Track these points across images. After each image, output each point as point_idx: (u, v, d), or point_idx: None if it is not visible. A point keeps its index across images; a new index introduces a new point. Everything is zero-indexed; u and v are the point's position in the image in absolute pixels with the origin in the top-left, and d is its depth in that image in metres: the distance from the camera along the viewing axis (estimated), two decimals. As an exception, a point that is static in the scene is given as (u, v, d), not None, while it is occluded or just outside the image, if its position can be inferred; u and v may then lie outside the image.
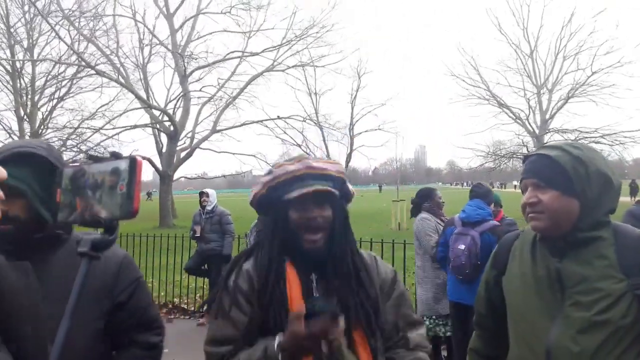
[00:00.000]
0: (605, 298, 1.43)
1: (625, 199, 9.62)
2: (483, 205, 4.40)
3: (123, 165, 0.84)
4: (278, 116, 26.68)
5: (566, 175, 1.49)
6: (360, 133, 32.27)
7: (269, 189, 1.57)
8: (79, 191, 0.88)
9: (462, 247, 4.12)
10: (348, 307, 1.46)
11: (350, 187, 1.63)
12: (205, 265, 7.19)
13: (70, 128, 24.63)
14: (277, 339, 1.33)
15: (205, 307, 6.83)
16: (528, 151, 26.16)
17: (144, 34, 25.43)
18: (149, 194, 63.06)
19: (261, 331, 1.42)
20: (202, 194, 7.35)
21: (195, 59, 25.42)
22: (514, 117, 26.47)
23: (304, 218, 1.51)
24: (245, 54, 26.18)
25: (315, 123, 29.04)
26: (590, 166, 1.49)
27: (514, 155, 28.06)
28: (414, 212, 5.21)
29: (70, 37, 23.27)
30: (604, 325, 1.42)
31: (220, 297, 1.54)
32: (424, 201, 5.11)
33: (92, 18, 22.76)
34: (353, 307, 1.48)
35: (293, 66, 27.58)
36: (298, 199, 1.49)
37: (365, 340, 1.45)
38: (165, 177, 24.16)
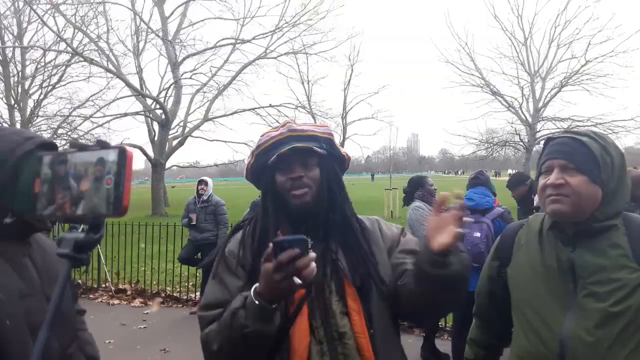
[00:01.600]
0: (621, 288, 1.39)
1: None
2: (488, 192, 4.38)
3: (111, 156, 0.76)
4: (270, 104, 26.55)
5: (596, 162, 1.45)
6: (354, 121, 32.30)
7: (256, 156, 1.56)
8: (58, 181, 0.79)
9: (479, 234, 4.09)
10: (342, 268, 1.44)
11: (340, 148, 1.60)
12: (199, 255, 7.16)
13: (61, 116, 24.38)
14: (254, 286, 1.28)
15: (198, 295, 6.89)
16: (521, 139, 26.25)
17: (139, 23, 25.14)
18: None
19: None
20: (201, 182, 7.29)
21: (185, 47, 25.17)
22: (507, 105, 26.45)
23: (289, 179, 1.49)
24: (237, 41, 25.96)
25: (307, 111, 28.96)
26: (615, 156, 1.46)
27: (507, 144, 28.13)
28: (407, 200, 5.18)
29: (57, 26, 22.92)
30: (620, 316, 1.38)
31: (217, 263, 1.54)
32: (416, 189, 5.07)
33: (82, 4, 22.38)
34: (351, 268, 1.45)
35: (285, 53, 27.40)
36: (280, 160, 1.48)
37: (359, 306, 1.42)
38: (157, 165, 24.03)
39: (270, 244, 1.21)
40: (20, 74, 25.04)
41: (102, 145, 0.79)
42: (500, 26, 26.72)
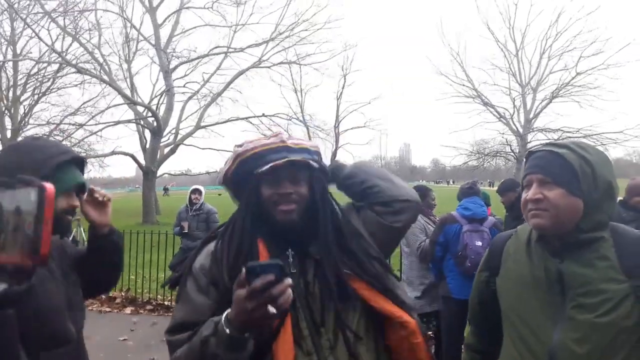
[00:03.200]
0: (609, 300, 1.41)
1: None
2: (481, 202, 4.43)
3: (32, 195, 0.71)
4: (263, 114, 26.54)
5: (574, 174, 1.46)
6: (346, 130, 32.35)
7: (240, 162, 1.49)
8: None
9: (480, 243, 4.12)
10: (330, 285, 1.40)
11: (325, 163, 1.59)
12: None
13: (53, 124, 24.25)
14: (226, 311, 1.19)
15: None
16: (512, 150, 26.40)
17: (130, 30, 25.09)
18: (165, 189, 61.16)
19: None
20: (195, 190, 7.27)
21: (178, 57, 25.15)
22: (499, 116, 26.61)
23: (276, 194, 1.43)
24: (229, 49, 25.99)
25: (301, 121, 28.98)
26: (597, 168, 1.46)
27: (498, 154, 28.26)
28: None
29: (51, 36, 22.82)
30: (608, 327, 1.40)
31: (185, 280, 1.45)
32: None
33: (77, 14, 22.31)
34: (336, 285, 1.40)
35: (278, 63, 27.44)
36: (271, 172, 1.41)
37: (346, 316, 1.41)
38: (148, 173, 23.92)
39: (243, 269, 1.12)
40: (11, 80, 24.90)
41: (26, 182, 0.74)
42: (492, 37, 26.96)
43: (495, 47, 28.69)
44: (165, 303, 7.36)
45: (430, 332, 4.98)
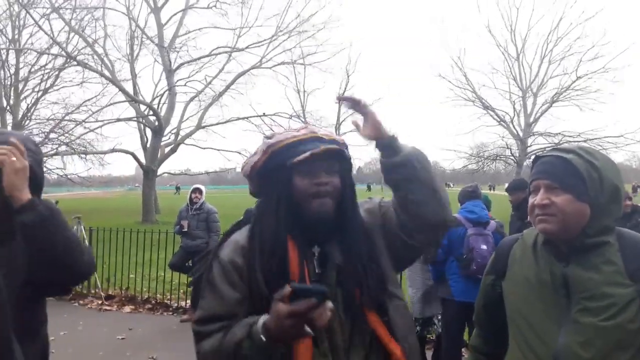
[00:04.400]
0: (614, 304, 1.41)
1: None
2: (483, 205, 4.43)
3: None
4: (264, 113, 26.54)
5: (581, 179, 1.46)
6: (346, 132, 32.32)
7: (272, 154, 1.46)
8: None
9: (485, 247, 4.12)
10: (350, 287, 1.42)
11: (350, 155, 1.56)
12: (190, 262, 7.13)
13: (54, 120, 24.25)
14: (263, 318, 1.24)
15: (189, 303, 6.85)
16: (512, 154, 26.41)
17: (135, 29, 25.09)
18: (177, 188, 60.63)
19: (258, 309, 1.33)
20: (195, 189, 7.27)
21: (178, 52, 25.15)
22: (499, 120, 26.64)
23: (313, 184, 1.41)
24: (232, 49, 25.99)
25: (302, 121, 28.98)
26: (603, 173, 1.47)
27: (498, 158, 28.28)
28: None
29: (52, 31, 22.79)
30: (613, 331, 1.40)
31: (212, 272, 1.45)
32: None
33: (82, 10, 22.32)
34: (359, 287, 1.42)
35: (280, 63, 27.46)
36: (306, 162, 1.39)
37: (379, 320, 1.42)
38: (149, 172, 23.92)
39: (288, 287, 1.18)
40: (13, 77, 24.90)
41: None
42: (493, 41, 27.00)
43: (496, 51, 28.65)
44: (165, 302, 7.37)
45: (429, 335, 5.00)
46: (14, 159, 1.40)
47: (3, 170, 1.39)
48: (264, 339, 1.22)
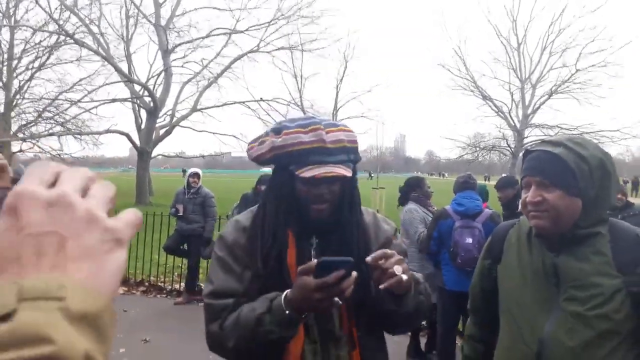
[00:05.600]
0: (600, 294, 1.45)
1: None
2: (476, 196, 4.40)
3: None
4: (261, 98, 26.38)
5: (572, 174, 1.47)
6: (344, 119, 32.22)
7: (275, 155, 1.49)
8: None
9: (471, 240, 4.13)
10: None
11: (359, 156, 1.58)
12: (185, 245, 7.08)
13: (48, 99, 24.00)
14: (284, 293, 1.30)
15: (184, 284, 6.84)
16: (508, 145, 26.48)
17: (130, 7, 24.76)
18: (184, 171, 59.88)
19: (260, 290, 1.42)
20: (194, 174, 7.19)
21: (178, 34, 24.88)
22: (497, 110, 26.65)
23: (312, 194, 1.46)
24: (231, 31, 25.73)
25: (299, 107, 28.85)
26: (592, 163, 1.48)
27: (494, 148, 28.34)
28: (401, 200, 5.16)
29: (50, 7, 22.46)
30: (598, 320, 1.44)
31: (220, 249, 1.53)
32: (412, 190, 5.05)
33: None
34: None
35: (279, 48, 27.23)
36: (311, 178, 1.43)
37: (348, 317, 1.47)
38: (143, 153, 23.78)
39: (315, 261, 1.23)
40: (6, 54, 24.56)
41: None
42: (494, 31, 26.90)
43: (497, 41, 28.53)
44: (159, 284, 7.33)
45: (423, 322, 5.00)
46: None
47: None
48: (287, 312, 1.27)
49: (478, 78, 26.34)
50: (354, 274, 1.22)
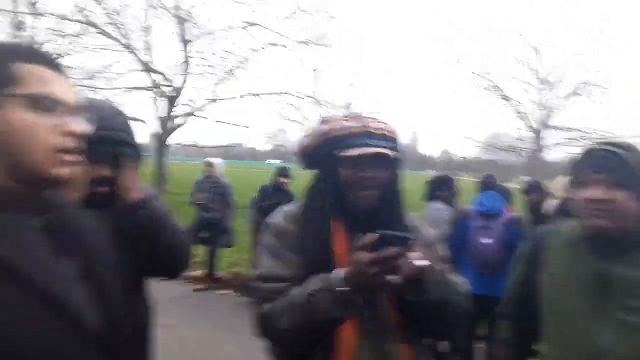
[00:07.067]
0: None
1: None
2: (498, 196, 4.31)
3: None
4: (277, 91, 26.31)
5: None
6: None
7: (321, 142, 1.50)
8: None
9: (488, 241, 4.05)
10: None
11: (401, 146, 1.58)
12: (204, 233, 7.16)
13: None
14: (343, 271, 1.27)
15: (202, 272, 6.89)
16: (524, 146, 26.17)
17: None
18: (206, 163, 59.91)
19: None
20: (212, 164, 7.26)
21: (197, 25, 24.91)
22: (515, 111, 26.37)
23: (357, 177, 1.45)
24: (250, 24, 25.66)
25: (315, 101, 28.77)
26: None
27: (511, 149, 28.05)
28: (428, 196, 5.04)
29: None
30: None
31: (268, 236, 1.53)
32: (440, 189, 4.96)
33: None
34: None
35: (297, 42, 27.08)
36: (355, 158, 1.43)
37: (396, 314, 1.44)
38: (160, 141, 23.92)
39: (376, 234, 1.19)
40: (31, 40, 24.80)
41: None
42: (515, 29, 26.58)
43: (518, 40, 28.20)
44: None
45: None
46: None
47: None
48: (343, 289, 1.24)
49: (497, 78, 26.08)
50: (414, 253, 1.20)
